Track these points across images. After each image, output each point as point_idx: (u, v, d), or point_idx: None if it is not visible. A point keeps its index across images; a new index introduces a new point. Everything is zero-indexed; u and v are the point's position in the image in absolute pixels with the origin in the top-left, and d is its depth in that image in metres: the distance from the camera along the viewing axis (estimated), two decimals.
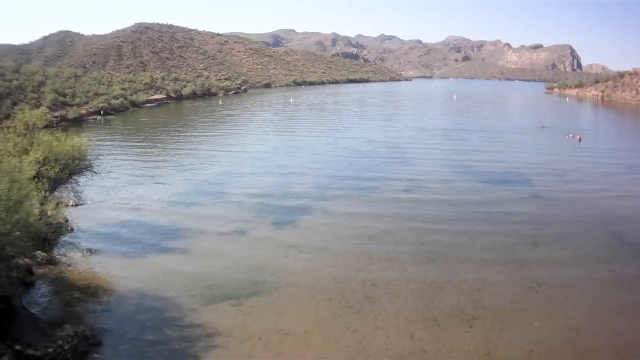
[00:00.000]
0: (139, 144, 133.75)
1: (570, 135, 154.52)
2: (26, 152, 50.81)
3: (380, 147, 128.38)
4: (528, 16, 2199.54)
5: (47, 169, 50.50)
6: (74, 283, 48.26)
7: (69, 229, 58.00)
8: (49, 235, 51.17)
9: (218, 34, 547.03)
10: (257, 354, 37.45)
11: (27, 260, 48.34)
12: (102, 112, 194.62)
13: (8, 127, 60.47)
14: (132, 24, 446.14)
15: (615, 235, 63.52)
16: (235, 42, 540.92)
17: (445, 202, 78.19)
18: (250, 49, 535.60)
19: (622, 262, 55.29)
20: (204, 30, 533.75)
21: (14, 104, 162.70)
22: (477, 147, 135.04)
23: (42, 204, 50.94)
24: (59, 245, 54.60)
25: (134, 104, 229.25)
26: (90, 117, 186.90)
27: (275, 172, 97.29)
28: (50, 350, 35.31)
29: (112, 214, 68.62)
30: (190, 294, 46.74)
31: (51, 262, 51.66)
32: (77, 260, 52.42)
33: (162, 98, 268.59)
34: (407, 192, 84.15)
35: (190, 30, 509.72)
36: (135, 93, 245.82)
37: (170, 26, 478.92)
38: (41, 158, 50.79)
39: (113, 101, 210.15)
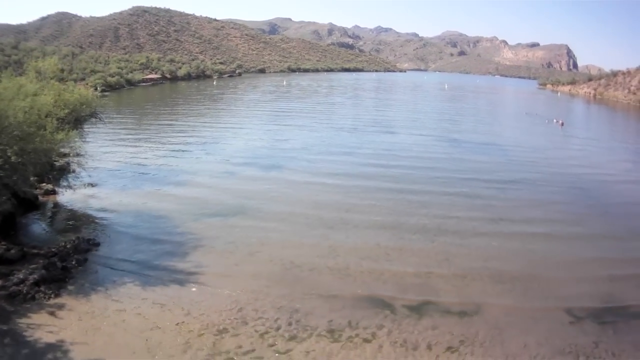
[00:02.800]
0: (133, 115, 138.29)
1: (554, 121, 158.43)
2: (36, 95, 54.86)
3: (367, 123, 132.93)
4: (526, 14, 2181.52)
5: (56, 110, 52.66)
6: (76, 207, 53.72)
7: (71, 170, 63.02)
8: (58, 164, 56.50)
9: (215, 19, 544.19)
10: (239, 252, 43.06)
11: (33, 190, 54.26)
12: (97, 88, 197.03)
13: (20, 75, 64.32)
14: (130, 7, 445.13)
15: (565, 187, 71.30)
16: (232, 27, 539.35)
17: (420, 158, 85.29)
18: (246, 34, 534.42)
19: (571, 204, 63.00)
20: (200, 15, 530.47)
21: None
22: (457, 125, 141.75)
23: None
24: (62, 179, 59.53)
25: (130, 83, 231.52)
26: None
27: (267, 138, 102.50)
28: (53, 249, 40.44)
29: (110, 162, 73.10)
30: (182, 213, 52.32)
31: (55, 192, 57.06)
32: (80, 191, 56.97)
33: (158, 78, 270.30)
34: (388, 150, 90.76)
35: (187, 14, 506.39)
36: (132, 72, 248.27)
37: (168, 10, 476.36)
38: (52, 100, 53.49)
39: (109, 79, 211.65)
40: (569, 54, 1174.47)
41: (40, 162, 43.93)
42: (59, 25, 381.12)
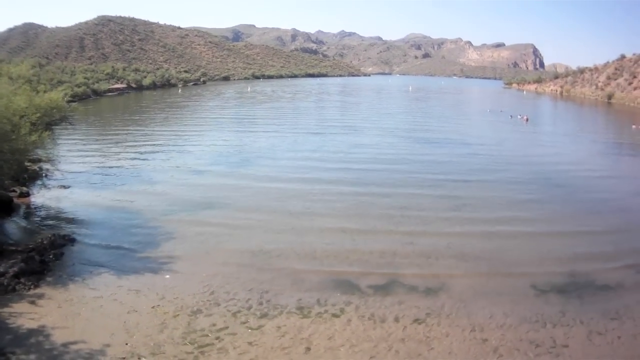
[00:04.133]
0: (100, 123, 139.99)
1: (518, 117, 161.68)
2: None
3: (332, 125, 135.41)
4: (491, 15, 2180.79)
5: (29, 113, 53.31)
6: (50, 208, 54.94)
7: (44, 174, 63.94)
8: (31, 167, 57.96)
9: (179, 28, 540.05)
10: (209, 242, 44.97)
11: (8, 193, 55.55)
12: (63, 98, 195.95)
13: None
14: (95, 16, 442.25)
15: (520, 173, 75.92)
16: (196, 35, 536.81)
17: (384, 155, 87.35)
18: (210, 42, 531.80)
19: (531, 187, 66.85)
20: (165, 24, 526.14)
21: None
22: (420, 123, 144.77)
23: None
24: (36, 182, 61.43)
25: (96, 93, 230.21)
26: None
27: (233, 141, 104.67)
28: (30, 245, 41.55)
29: (81, 165, 74.11)
30: (152, 209, 54.26)
31: (29, 194, 58.08)
32: (53, 193, 59.06)
33: (123, 88, 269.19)
34: (352, 150, 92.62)
35: (152, 23, 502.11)
36: (97, 82, 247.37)
37: (132, 19, 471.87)
38: (24, 104, 53.99)
39: (76, 89, 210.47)
40: (535, 53, 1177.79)
41: (15, 163, 45.37)
42: (26, 36, 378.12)
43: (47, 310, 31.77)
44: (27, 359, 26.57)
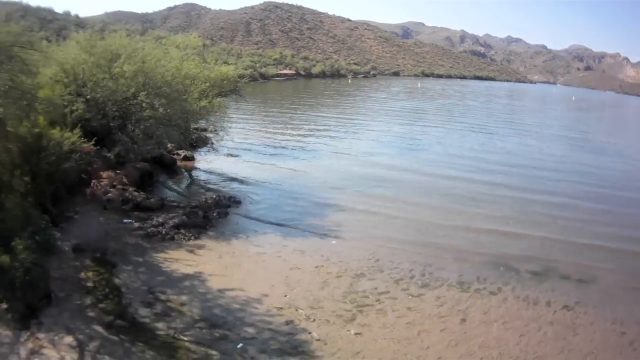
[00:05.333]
0: (267, 103, 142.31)
1: None
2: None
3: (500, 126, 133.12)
4: None
5: (198, 82, 53.74)
6: (214, 173, 56.55)
7: (209, 142, 65.08)
8: (196, 134, 59.35)
9: (348, 20, 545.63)
10: (377, 216, 45.34)
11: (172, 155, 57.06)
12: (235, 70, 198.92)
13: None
14: (261, 1, 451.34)
15: None
16: (365, 29, 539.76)
17: (549, 156, 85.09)
18: (380, 37, 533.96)
19: None
20: (333, 15, 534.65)
21: None
22: (584, 131, 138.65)
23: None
24: (201, 147, 63.59)
25: (263, 76, 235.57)
26: None
27: (405, 131, 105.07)
28: (193, 203, 42.54)
29: (247, 138, 76.60)
30: (320, 182, 55.48)
31: (193, 159, 60.59)
32: (216, 160, 61.02)
33: (292, 74, 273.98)
34: (520, 153, 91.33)
35: (320, 13, 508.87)
36: (265, 67, 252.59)
37: (300, 7, 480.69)
38: (195, 69, 54.57)
39: (243, 71, 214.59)
40: None
41: (183, 125, 46.77)
42: (188, 16, 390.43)
43: (205, 260, 32.33)
44: (177, 299, 27.04)
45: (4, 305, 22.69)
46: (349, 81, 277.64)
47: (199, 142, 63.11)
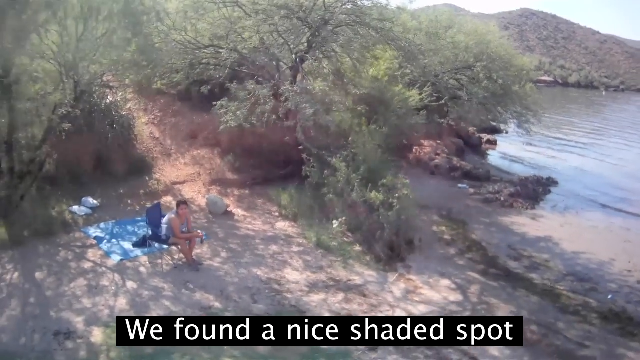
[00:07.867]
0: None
1: None
2: None
3: None
4: None
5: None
6: (517, 157, 59.13)
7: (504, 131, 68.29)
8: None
9: (598, 32, 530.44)
10: None
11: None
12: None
13: None
14: (518, 8, 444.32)
15: None
16: (614, 43, 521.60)
17: None
18: (626, 52, 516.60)
19: None
20: (585, 26, 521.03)
21: None
22: None
23: None
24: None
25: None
26: None
27: None
28: (523, 177, 45.60)
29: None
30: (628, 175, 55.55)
31: (496, 142, 64.19)
32: (518, 146, 64.09)
33: (550, 81, 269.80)
34: None
35: (573, 24, 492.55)
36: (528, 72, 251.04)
37: (554, 16, 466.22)
38: None
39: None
40: None
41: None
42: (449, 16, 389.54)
43: (549, 227, 34.18)
44: (539, 256, 29.01)
45: (361, 248, 25.81)
46: (603, 93, 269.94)
47: (498, 128, 66.56)
